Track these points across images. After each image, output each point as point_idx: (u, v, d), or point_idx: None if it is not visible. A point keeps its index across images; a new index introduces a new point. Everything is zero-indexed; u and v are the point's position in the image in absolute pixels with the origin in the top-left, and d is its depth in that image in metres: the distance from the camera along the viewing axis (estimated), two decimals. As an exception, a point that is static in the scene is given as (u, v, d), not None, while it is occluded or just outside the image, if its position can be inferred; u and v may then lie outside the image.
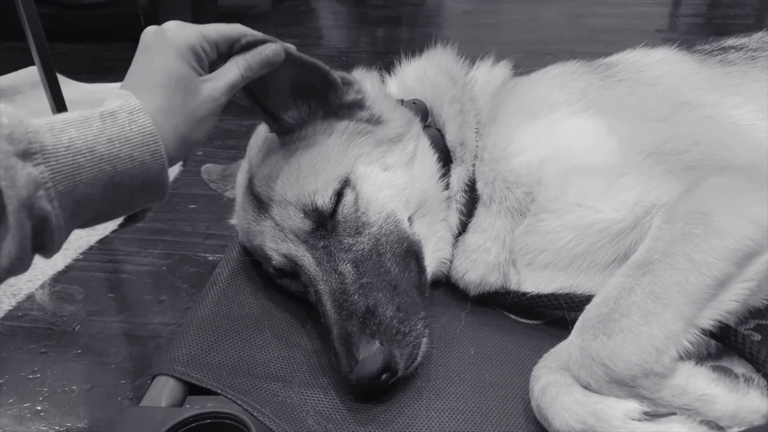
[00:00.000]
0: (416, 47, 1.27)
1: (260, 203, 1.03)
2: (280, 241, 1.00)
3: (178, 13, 3.83)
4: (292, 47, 0.91)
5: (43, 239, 0.71)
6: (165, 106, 0.78)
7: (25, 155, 0.67)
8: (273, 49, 0.88)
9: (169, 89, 0.79)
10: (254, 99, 0.99)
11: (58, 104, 2.35)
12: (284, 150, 1.02)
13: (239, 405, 0.90)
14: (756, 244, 0.82)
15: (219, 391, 0.93)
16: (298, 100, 1.03)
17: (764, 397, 0.79)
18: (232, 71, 0.85)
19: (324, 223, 0.98)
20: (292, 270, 1.02)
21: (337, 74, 1.01)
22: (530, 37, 3.34)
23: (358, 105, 1.07)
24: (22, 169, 0.66)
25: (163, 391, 0.93)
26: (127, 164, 0.73)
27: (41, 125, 0.70)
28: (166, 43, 0.81)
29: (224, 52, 0.87)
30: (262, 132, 1.11)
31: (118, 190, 0.75)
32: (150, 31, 0.84)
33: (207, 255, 1.73)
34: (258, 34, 0.88)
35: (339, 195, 0.99)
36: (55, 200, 0.69)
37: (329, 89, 1.02)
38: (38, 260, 0.75)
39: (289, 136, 1.03)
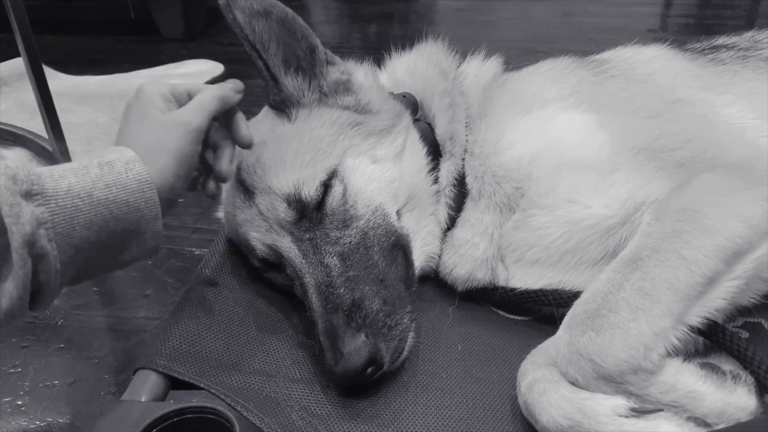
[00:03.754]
0: (408, 44, 1.27)
1: (246, 190, 1.02)
2: (265, 231, 0.99)
3: (168, 5, 3.80)
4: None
5: (39, 283, 0.72)
6: (146, 144, 0.83)
7: (28, 195, 0.70)
8: (233, 86, 0.96)
9: (145, 131, 0.85)
10: (257, 54, 0.99)
11: (44, 96, 2.32)
12: (273, 136, 1.02)
13: (223, 400, 0.88)
14: (745, 242, 0.81)
15: (202, 385, 0.91)
16: (291, 72, 1.04)
17: (751, 395, 0.79)
18: (200, 95, 0.91)
19: (309, 214, 0.97)
20: (278, 262, 1.01)
21: (323, 49, 1.04)
22: (522, 36, 3.35)
23: (345, 87, 1.07)
24: (26, 207, 0.69)
25: (144, 386, 0.91)
26: (122, 209, 0.77)
27: (42, 171, 0.73)
28: (140, 99, 0.89)
29: None
30: (255, 120, 1.10)
31: (113, 236, 0.78)
32: (131, 97, 0.91)
33: (193, 249, 1.72)
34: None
35: (326, 187, 0.98)
36: (54, 241, 0.72)
37: (314, 64, 1.04)
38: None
39: (284, 113, 1.04)
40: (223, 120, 0.96)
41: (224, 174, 0.95)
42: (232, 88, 0.95)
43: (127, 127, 0.88)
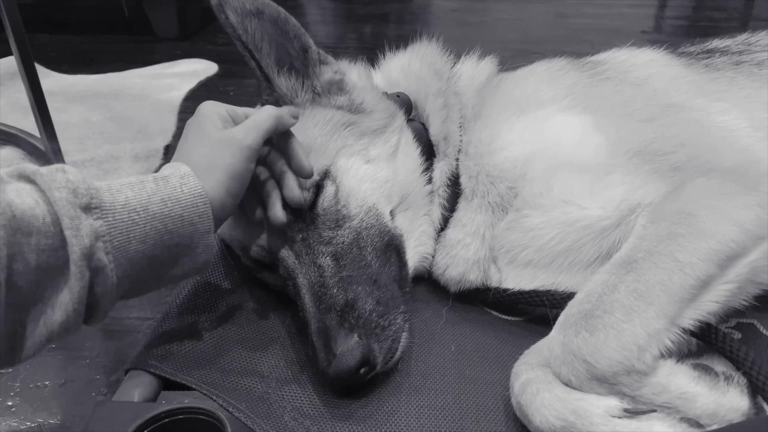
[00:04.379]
0: (403, 44, 1.26)
1: None
2: (258, 231, 0.98)
3: (162, 5, 3.79)
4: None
5: (95, 296, 0.74)
6: (200, 160, 0.85)
7: (87, 209, 0.71)
8: (290, 111, 0.95)
9: (200, 147, 0.87)
10: (250, 54, 0.99)
11: (37, 95, 2.31)
12: None
13: (215, 401, 0.88)
14: (739, 246, 0.82)
15: (194, 386, 0.90)
16: (284, 72, 1.04)
17: (744, 396, 0.79)
18: (256, 114, 0.91)
19: (302, 215, 0.96)
20: (271, 262, 1.00)
21: (315, 49, 1.03)
22: (517, 37, 3.35)
23: (338, 87, 1.06)
24: (85, 220, 0.70)
25: (136, 386, 0.90)
26: (177, 223, 0.78)
27: (100, 185, 0.75)
28: (198, 117, 0.90)
29: None
30: None
31: (167, 250, 0.79)
32: (192, 116, 0.92)
33: (187, 249, 1.71)
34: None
35: (318, 187, 0.97)
36: (111, 254, 0.73)
37: (307, 64, 1.04)
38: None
39: None
40: (278, 147, 0.96)
41: (297, 200, 0.93)
42: (288, 112, 0.94)
43: (185, 143, 0.89)
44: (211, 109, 0.90)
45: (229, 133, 0.87)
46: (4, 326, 0.66)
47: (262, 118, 0.90)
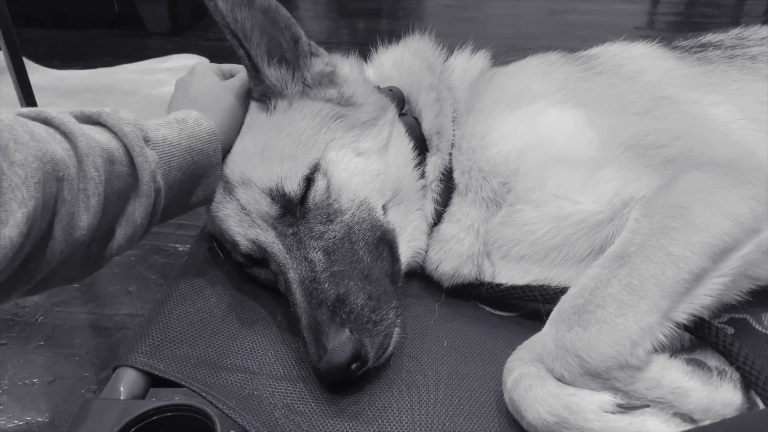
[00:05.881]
0: (396, 39, 1.25)
1: (227, 183, 1.00)
2: (248, 226, 0.97)
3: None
4: None
5: (155, 213, 0.88)
6: (206, 105, 1.00)
7: (147, 141, 0.86)
8: None
9: (204, 96, 1.03)
10: (239, 42, 0.99)
11: (25, 90, 2.29)
12: (254, 128, 1.00)
13: (204, 397, 0.86)
14: (732, 239, 0.82)
15: (183, 383, 0.89)
16: (274, 63, 1.04)
17: (737, 390, 0.79)
18: (242, 74, 1.09)
19: (292, 209, 0.95)
20: (261, 257, 0.99)
21: (306, 40, 1.03)
22: (510, 32, 3.35)
23: (329, 79, 1.05)
24: (148, 150, 0.85)
25: (124, 383, 0.89)
26: (199, 155, 0.94)
27: (144, 124, 0.88)
28: (195, 73, 1.08)
29: None
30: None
31: (192, 178, 0.95)
32: (185, 74, 1.10)
33: (177, 245, 1.69)
34: None
35: (309, 181, 0.96)
36: (162, 179, 0.87)
37: (298, 55, 1.03)
38: None
39: (265, 104, 1.03)
40: None
41: None
42: None
43: (186, 93, 1.05)
44: (206, 68, 1.09)
45: (229, 83, 1.06)
46: (100, 234, 0.81)
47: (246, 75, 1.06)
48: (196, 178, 0.96)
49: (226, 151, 1.01)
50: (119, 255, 0.88)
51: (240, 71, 1.09)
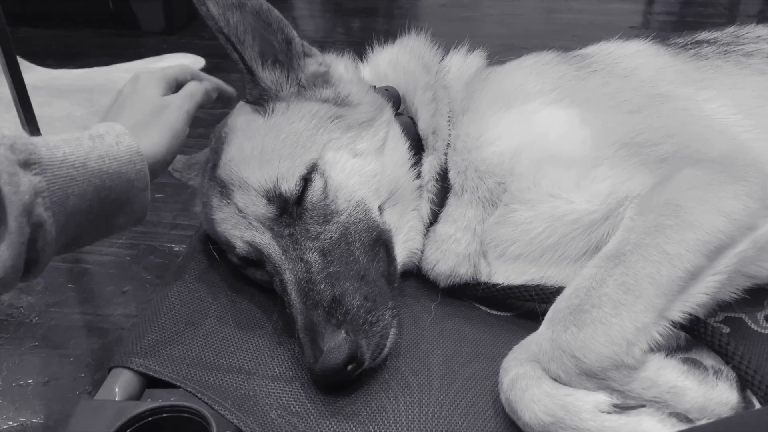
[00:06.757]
0: (392, 39, 1.25)
1: (223, 187, 0.99)
2: (244, 228, 0.97)
3: (148, -2, 3.74)
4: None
5: (35, 251, 0.74)
6: (141, 120, 0.91)
7: (26, 165, 0.71)
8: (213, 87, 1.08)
9: (140, 110, 0.93)
10: (232, 46, 0.98)
11: (19, 90, 2.27)
12: (250, 131, 1.00)
13: (200, 398, 0.86)
14: (727, 237, 0.82)
15: (179, 383, 0.89)
16: (268, 65, 1.03)
17: (733, 390, 0.79)
18: (189, 85, 1.01)
19: (289, 210, 0.95)
20: (257, 258, 0.99)
21: (299, 41, 1.03)
22: (506, 32, 3.35)
23: (323, 79, 1.05)
24: (24, 176, 0.70)
25: (119, 384, 0.89)
26: (114, 179, 0.80)
27: (38, 141, 0.75)
28: (138, 83, 0.97)
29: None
30: (229, 118, 1.08)
31: (104, 205, 0.81)
32: (128, 82, 0.99)
33: (172, 245, 1.69)
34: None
35: (306, 181, 0.96)
36: (50, 210, 0.73)
37: (291, 56, 1.03)
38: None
39: (262, 107, 1.02)
40: None
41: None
42: (212, 87, 1.06)
43: (122, 106, 0.94)
44: (149, 78, 0.98)
45: (171, 99, 0.96)
46: None
47: (196, 89, 1.00)
48: (113, 205, 0.82)
49: (161, 172, 0.92)
50: None
51: (188, 84, 1.01)
